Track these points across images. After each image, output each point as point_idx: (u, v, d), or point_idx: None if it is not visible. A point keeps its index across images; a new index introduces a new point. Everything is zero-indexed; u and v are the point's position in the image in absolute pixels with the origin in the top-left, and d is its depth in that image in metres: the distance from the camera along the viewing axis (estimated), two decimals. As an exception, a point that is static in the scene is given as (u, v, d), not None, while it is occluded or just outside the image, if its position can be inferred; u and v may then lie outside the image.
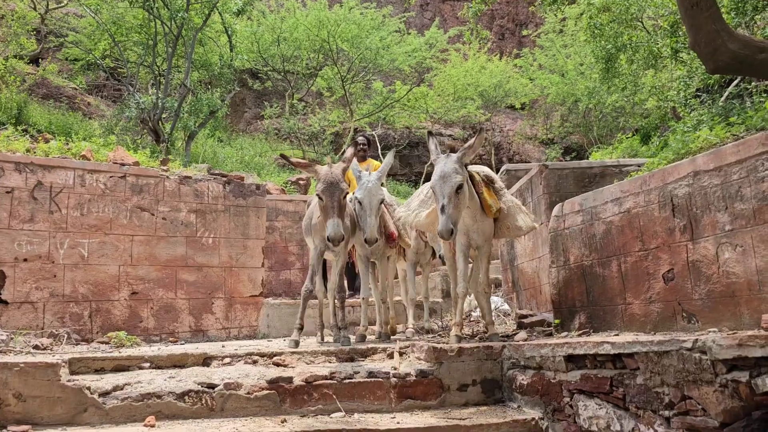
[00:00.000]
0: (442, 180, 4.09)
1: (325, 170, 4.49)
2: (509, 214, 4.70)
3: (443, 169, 4.13)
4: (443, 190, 4.06)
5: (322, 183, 4.40)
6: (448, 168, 4.11)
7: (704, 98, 6.91)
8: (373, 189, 4.86)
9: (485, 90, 18.03)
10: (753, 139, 3.23)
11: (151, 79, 14.49)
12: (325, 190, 4.36)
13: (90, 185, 6.60)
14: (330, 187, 4.36)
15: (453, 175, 4.08)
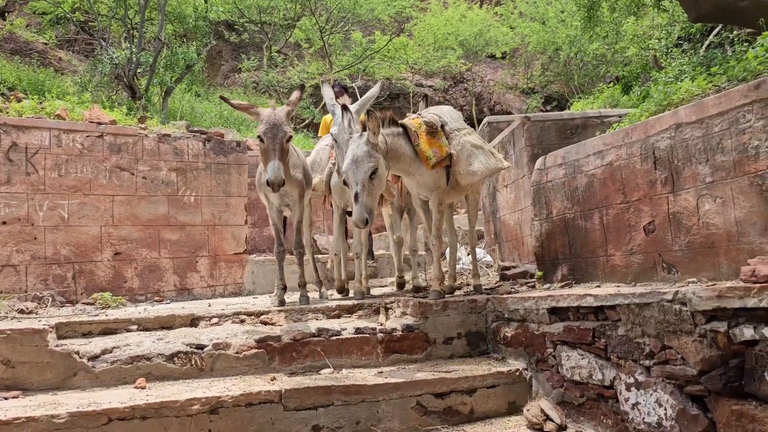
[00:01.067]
0: (355, 165, 3.83)
1: (267, 112, 4.23)
2: (460, 159, 4.39)
3: (355, 153, 3.86)
4: (356, 176, 3.81)
5: (263, 124, 4.14)
6: (360, 151, 3.85)
7: (686, 47, 6.88)
8: (349, 124, 4.44)
9: (466, 39, 17.79)
10: (735, 91, 3.23)
11: (123, 33, 14.08)
12: (266, 132, 4.11)
13: (67, 145, 6.48)
14: (272, 128, 4.10)
15: (366, 159, 3.83)
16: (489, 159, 4.46)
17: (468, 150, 4.41)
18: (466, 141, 4.45)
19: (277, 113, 4.19)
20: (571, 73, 15.69)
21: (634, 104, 6.53)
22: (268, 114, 4.18)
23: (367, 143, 3.88)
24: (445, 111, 4.72)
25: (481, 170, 4.41)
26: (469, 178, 4.45)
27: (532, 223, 4.97)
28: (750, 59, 3.87)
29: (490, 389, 3.64)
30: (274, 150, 4.05)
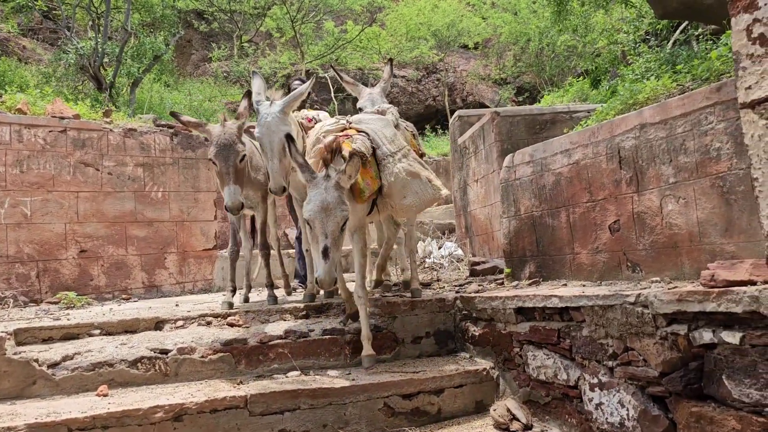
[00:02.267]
0: (325, 213, 3.29)
1: (217, 131, 3.89)
2: (393, 191, 3.86)
3: (325, 198, 3.30)
4: (325, 227, 3.28)
5: (213, 146, 3.85)
6: (330, 198, 3.31)
7: (652, 43, 6.94)
8: (274, 124, 3.90)
9: (438, 29, 17.71)
10: (697, 93, 3.26)
11: (89, 22, 13.73)
12: (217, 154, 3.83)
13: (29, 141, 6.33)
14: (223, 150, 3.82)
15: (338, 208, 3.32)
16: (425, 188, 3.91)
17: (402, 180, 3.85)
18: (401, 168, 3.86)
19: (227, 131, 3.89)
20: (543, 65, 15.75)
21: (603, 99, 6.58)
22: (217, 133, 3.89)
23: (337, 187, 3.34)
24: (378, 128, 4.07)
25: (416, 204, 3.93)
26: (403, 213, 4.17)
27: (501, 220, 4.99)
28: (713, 59, 3.91)
29: (457, 389, 3.65)
30: (228, 173, 3.82)
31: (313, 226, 3.29)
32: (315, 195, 3.32)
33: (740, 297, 2.31)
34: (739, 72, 2.19)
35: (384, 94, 4.72)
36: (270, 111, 3.91)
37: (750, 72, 2.14)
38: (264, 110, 3.95)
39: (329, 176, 3.37)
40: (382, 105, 4.58)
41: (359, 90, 4.82)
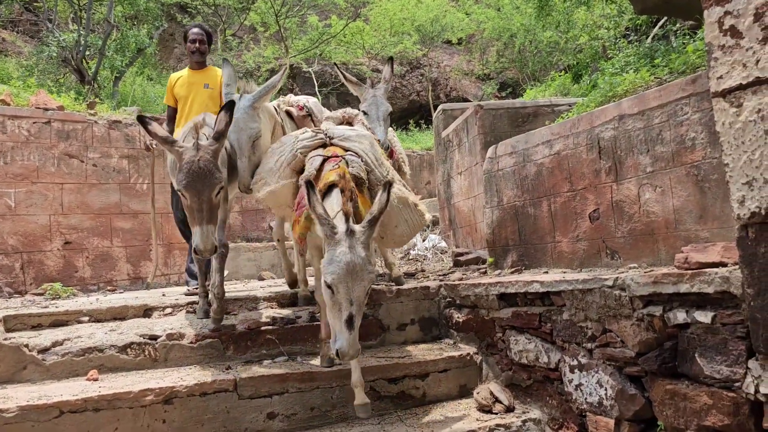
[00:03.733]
0: (351, 277, 2.75)
1: (189, 154, 3.06)
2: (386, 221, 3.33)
3: (351, 261, 2.75)
4: (351, 293, 2.75)
5: (183, 173, 3.03)
6: (358, 258, 2.77)
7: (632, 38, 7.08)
8: (242, 120, 3.67)
9: (422, 25, 17.78)
10: (673, 85, 3.37)
11: (71, 14, 13.63)
12: (188, 186, 3.03)
13: (12, 132, 6.32)
14: (196, 181, 3.03)
15: (366, 270, 2.80)
16: (414, 216, 3.59)
17: (395, 207, 3.43)
18: (393, 195, 3.31)
19: (202, 155, 3.05)
20: (526, 60, 15.89)
21: (584, 93, 6.70)
22: (189, 159, 3.04)
23: (365, 246, 2.81)
24: (367, 148, 3.61)
25: (407, 233, 3.64)
26: (393, 243, 3.87)
27: (484, 211, 5.08)
28: (690, 53, 4.03)
29: (441, 373, 3.74)
30: (200, 210, 3.04)
31: (336, 291, 2.73)
32: (339, 255, 2.73)
33: (712, 278, 2.42)
34: (711, 62, 2.29)
35: (386, 94, 4.64)
36: (238, 106, 3.68)
37: (721, 62, 2.24)
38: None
39: (353, 231, 2.78)
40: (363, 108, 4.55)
41: (362, 90, 4.67)
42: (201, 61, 5.35)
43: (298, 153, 3.54)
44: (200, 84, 5.23)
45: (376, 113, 4.45)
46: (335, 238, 2.79)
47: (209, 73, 5.34)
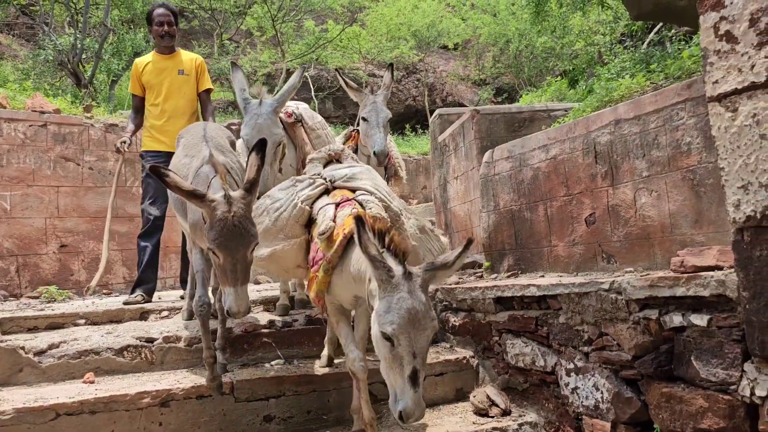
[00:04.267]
0: (413, 326, 2.30)
1: (221, 209, 2.60)
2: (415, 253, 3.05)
3: (413, 308, 2.31)
4: (414, 344, 2.30)
5: (215, 231, 2.58)
6: (419, 304, 2.32)
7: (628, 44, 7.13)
8: (266, 126, 3.57)
9: (418, 30, 17.87)
10: (669, 90, 3.39)
11: (67, 17, 13.64)
12: (222, 246, 2.59)
13: (8, 135, 6.30)
14: (231, 240, 2.60)
15: (428, 317, 2.35)
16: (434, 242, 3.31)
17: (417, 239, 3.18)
18: (412, 226, 3.19)
19: (236, 211, 2.62)
20: (522, 66, 15.97)
21: (580, 98, 6.73)
22: (221, 214, 2.60)
23: (424, 289, 2.41)
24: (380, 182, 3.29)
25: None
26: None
27: (480, 215, 5.10)
28: (685, 58, 4.06)
29: (438, 377, 3.74)
30: (234, 270, 2.63)
31: (397, 344, 2.30)
32: (398, 302, 2.31)
33: (708, 281, 2.43)
34: (707, 67, 2.31)
35: (386, 101, 4.59)
36: (261, 111, 3.62)
37: (717, 67, 2.26)
38: (254, 110, 3.61)
39: (411, 274, 2.36)
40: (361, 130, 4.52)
41: (362, 97, 4.60)
42: (170, 45, 5.01)
43: (303, 205, 3.11)
44: (173, 70, 4.94)
45: (376, 119, 4.44)
46: (392, 282, 2.36)
47: (180, 57, 5.03)
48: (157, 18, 4.89)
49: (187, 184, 2.74)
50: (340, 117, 18.27)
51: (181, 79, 4.96)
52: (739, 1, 2.16)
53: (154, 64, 4.95)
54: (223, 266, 2.64)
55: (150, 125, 4.98)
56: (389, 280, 2.36)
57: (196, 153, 3.37)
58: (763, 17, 2.09)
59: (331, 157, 3.66)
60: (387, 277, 2.37)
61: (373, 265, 2.39)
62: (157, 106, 4.91)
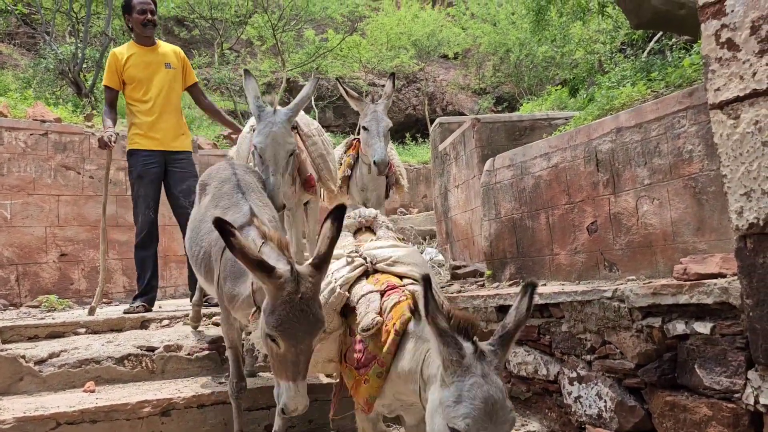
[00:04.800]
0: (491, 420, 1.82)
1: (289, 287, 2.12)
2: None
3: (490, 396, 1.83)
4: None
5: (278, 315, 2.09)
6: (497, 392, 1.85)
7: (628, 52, 7.15)
8: (281, 135, 3.51)
9: (418, 39, 17.94)
10: (670, 98, 3.40)
11: (68, 27, 13.69)
12: (286, 332, 2.11)
13: (9, 144, 6.31)
14: (295, 325, 2.12)
15: (507, 408, 1.89)
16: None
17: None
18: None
19: (304, 291, 2.13)
20: (522, 75, 16.02)
21: (581, 107, 6.75)
22: (288, 295, 2.11)
23: (498, 371, 1.93)
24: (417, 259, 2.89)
25: None
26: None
27: (482, 223, 5.09)
28: (686, 66, 4.07)
29: (440, 386, 3.72)
30: (297, 362, 2.18)
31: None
32: (471, 389, 1.83)
33: (711, 289, 2.42)
34: (708, 75, 2.31)
35: (386, 110, 4.59)
36: (275, 120, 3.53)
37: (719, 74, 2.26)
38: (268, 118, 3.54)
39: (483, 353, 1.90)
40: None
41: (363, 106, 4.60)
42: (152, 36, 4.77)
43: (342, 290, 2.63)
44: (160, 63, 4.71)
45: (377, 129, 4.44)
46: (463, 364, 1.86)
47: (163, 49, 4.82)
48: (139, 5, 4.63)
49: (256, 252, 2.17)
50: (340, 126, 18.31)
51: (170, 74, 4.74)
52: (740, 8, 2.17)
53: (139, 57, 4.68)
54: (283, 356, 2.17)
55: (139, 122, 4.70)
56: (459, 361, 1.87)
57: (230, 205, 2.85)
58: (764, 25, 2.09)
59: (362, 224, 3.17)
60: (457, 357, 1.87)
61: (443, 340, 1.88)
62: (146, 102, 4.67)
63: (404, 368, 2.25)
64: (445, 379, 1.89)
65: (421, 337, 2.18)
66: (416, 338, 2.22)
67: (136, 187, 4.80)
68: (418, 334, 2.21)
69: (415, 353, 2.20)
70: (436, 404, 1.91)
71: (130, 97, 4.75)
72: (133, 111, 4.75)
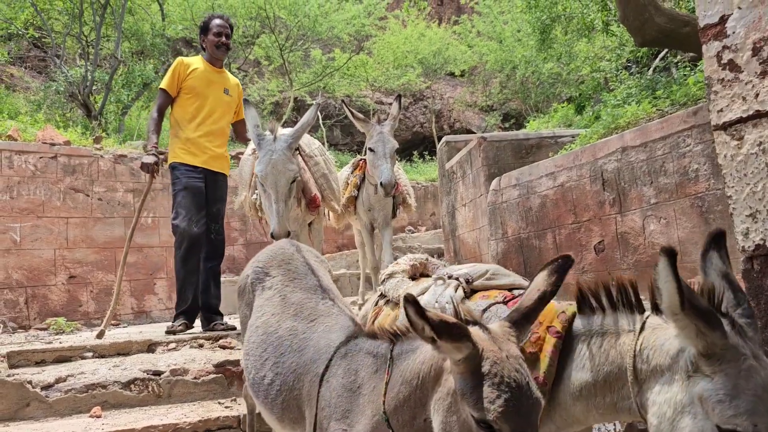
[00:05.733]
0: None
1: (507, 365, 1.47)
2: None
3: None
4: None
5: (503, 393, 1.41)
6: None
7: (633, 70, 7.16)
8: (281, 162, 3.49)
9: (425, 57, 18.04)
10: (675, 117, 3.39)
11: (78, 50, 13.88)
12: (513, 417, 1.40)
13: (19, 167, 6.37)
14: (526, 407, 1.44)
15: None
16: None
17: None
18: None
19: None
20: (528, 92, 16.05)
21: (587, 124, 6.75)
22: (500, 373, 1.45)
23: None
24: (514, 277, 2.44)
25: None
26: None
27: (489, 243, 5.08)
28: (690, 85, 4.07)
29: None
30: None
31: None
32: (750, 375, 1.45)
33: (719, 311, 2.39)
34: (711, 96, 2.30)
35: (392, 131, 4.59)
36: (275, 147, 3.51)
37: (721, 96, 2.26)
38: (268, 146, 3.52)
39: (743, 329, 1.52)
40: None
41: (369, 127, 4.61)
42: (223, 59, 4.88)
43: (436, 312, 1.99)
44: (220, 86, 4.72)
45: (383, 150, 4.45)
46: (729, 345, 1.47)
47: (226, 76, 4.89)
48: (216, 28, 4.70)
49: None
50: (347, 144, 18.40)
51: (226, 99, 4.73)
52: (741, 30, 2.17)
53: (205, 72, 4.66)
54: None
55: (185, 137, 4.57)
56: (725, 344, 1.45)
57: (313, 316, 2.14)
58: (766, 46, 2.09)
59: (416, 269, 2.78)
60: (722, 339, 1.45)
61: (706, 322, 1.44)
62: (197, 116, 4.60)
63: (584, 379, 1.78)
64: (703, 368, 1.49)
65: (602, 331, 1.80)
66: (591, 336, 1.82)
67: (179, 198, 4.55)
68: (595, 330, 1.82)
69: (599, 355, 1.76)
70: (685, 403, 1.50)
71: (181, 107, 4.64)
72: (180, 123, 4.63)
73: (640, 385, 1.62)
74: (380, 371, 1.71)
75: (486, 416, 1.42)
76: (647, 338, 1.65)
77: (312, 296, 2.22)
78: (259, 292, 2.36)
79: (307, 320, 2.11)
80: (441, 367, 1.54)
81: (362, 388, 1.74)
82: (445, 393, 1.52)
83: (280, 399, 2.05)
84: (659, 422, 1.53)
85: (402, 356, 1.67)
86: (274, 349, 2.10)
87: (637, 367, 1.63)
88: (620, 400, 1.69)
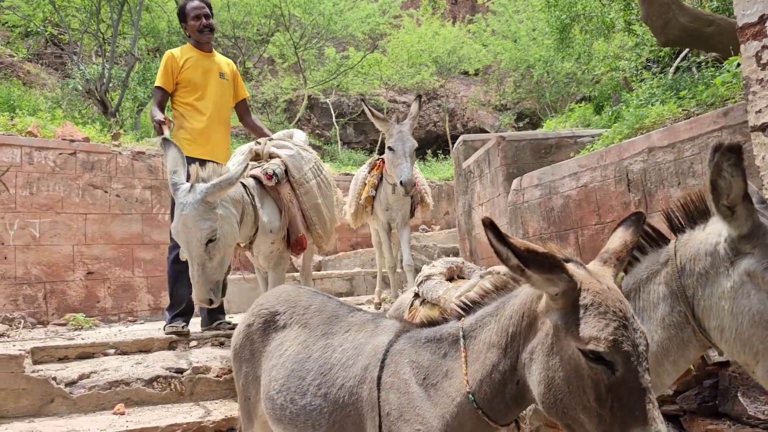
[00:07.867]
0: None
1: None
2: None
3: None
4: None
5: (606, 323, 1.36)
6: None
7: (654, 69, 7.09)
8: (192, 219, 3.01)
9: (439, 56, 17.99)
10: (705, 117, 3.34)
11: (95, 47, 13.96)
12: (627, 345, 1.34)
13: (39, 163, 6.40)
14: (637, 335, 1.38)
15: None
16: None
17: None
18: None
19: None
20: (543, 91, 15.97)
21: (606, 125, 6.69)
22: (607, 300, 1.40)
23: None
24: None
25: None
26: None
27: (509, 243, 5.04)
28: (718, 85, 4.01)
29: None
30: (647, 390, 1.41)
31: None
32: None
33: (754, 315, 2.35)
34: (749, 96, 2.27)
35: (411, 130, 4.58)
36: (187, 200, 2.98)
37: (760, 96, 2.22)
38: (180, 198, 3.01)
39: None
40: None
41: (388, 126, 4.55)
42: (209, 41, 4.62)
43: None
44: (215, 72, 4.56)
45: (403, 149, 4.44)
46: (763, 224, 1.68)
47: (218, 59, 4.70)
48: (193, 12, 4.48)
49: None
50: (361, 143, 18.38)
51: (223, 84, 4.59)
52: (783, 30, 2.13)
53: (197, 61, 4.49)
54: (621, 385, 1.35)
55: (190, 127, 4.43)
56: (761, 223, 1.62)
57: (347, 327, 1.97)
58: (810, 46, 2.05)
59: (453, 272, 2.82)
60: (758, 219, 1.62)
61: (747, 203, 1.59)
62: (200, 107, 4.45)
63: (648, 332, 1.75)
64: (743, 248, 1.61)
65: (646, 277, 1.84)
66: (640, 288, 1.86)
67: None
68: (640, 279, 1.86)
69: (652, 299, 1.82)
70: (737, 287, 1.61)
71: (182, 99, 4.50)
72: (185, 115, 4.48)
73: (692, 304, 1.69)
74: (450, 353, 1.62)
75: (597, 346, 1.34)
76: (682, 255, 1.74)
77: (338, 312, 2.06)
78: (271, 334, 2.15)
79: (341, 332, 1.95)
80: (534, 312, 1.48)
81: (430, 378, 1.62)
82: (543, 335, 1.45)
83: (331, 421, 1.81)
84: (720, 322, 1.61)
85: (477, 328, 1.60)
86: (312, 374, 1.90)
87: (683, 283, 1.71)
88: (682, 330, 1.73)
